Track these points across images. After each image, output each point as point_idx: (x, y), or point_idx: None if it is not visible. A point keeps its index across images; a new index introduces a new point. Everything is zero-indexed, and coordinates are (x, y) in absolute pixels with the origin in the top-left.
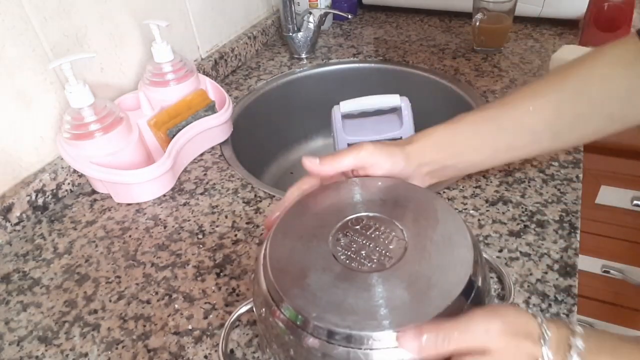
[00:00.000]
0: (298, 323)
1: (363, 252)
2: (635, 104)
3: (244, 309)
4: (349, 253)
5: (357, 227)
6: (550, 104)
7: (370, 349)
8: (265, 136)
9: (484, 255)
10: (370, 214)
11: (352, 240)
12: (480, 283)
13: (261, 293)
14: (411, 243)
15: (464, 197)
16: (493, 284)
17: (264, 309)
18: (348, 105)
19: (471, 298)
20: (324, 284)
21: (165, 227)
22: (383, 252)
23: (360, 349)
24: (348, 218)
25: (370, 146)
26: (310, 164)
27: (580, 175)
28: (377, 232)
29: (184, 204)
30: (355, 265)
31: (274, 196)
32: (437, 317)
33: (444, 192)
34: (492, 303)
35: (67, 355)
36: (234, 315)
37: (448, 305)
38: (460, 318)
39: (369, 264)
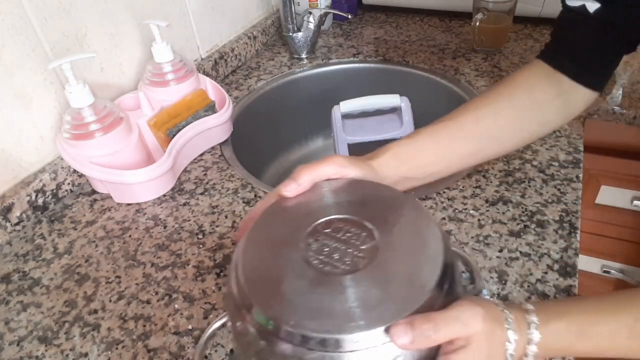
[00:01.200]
0: (273, 330)
1: (335, 255)
2: (557, 110)
3: (218, 323)
4: (321, 257)
5: (328, 230)
6: (489, 114)
7: (350, 351)
8: (265, 136)
9: (452, 248)
10: (340, 217)
11: (324, 244)
12: (452, 275)
13: (234, 304)
14: (382, 242)
15: (464, 197)
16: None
17: (238, 321)
18: (348, 105)
19: (445, 290)
20: (298, 290)
21: (165, 227)
22: (355, 253)
23: (337, 352)
24: (318, 222)
25: (340, 158)
26: (290, 192)
27: (580, 175)
28: (348, 234)
29: (184, 204)
30: (328, 269)
31: None
32: (414, 312)
33: (444, 192)
34: (464, 293)
35: (67, 355)
36: (209, 330)
37: (425, 300)
38: (449, 309)
39: (342, 267)
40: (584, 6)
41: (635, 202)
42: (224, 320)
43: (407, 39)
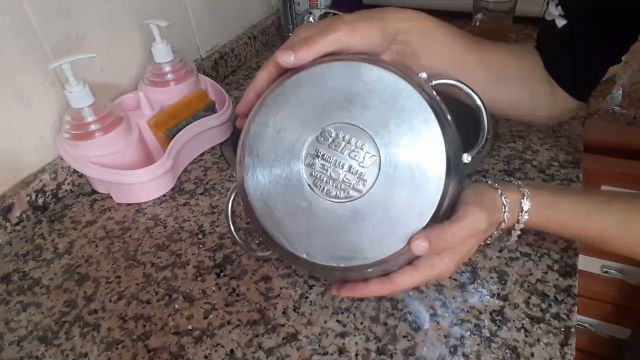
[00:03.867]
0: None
1: (339, 177)
2: (545, 95)
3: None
4: (324, 179)
5: (328, 144)
6: (500, 46)
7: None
8: None
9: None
10: (339, 123)
11: (324, 165)
12: (456, 164)
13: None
14: (383, 157)
15: None
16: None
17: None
18: None
19: (453, 179)
20: (304, 224)
21: (165, 227)
22: (358, 173)
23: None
24: (316, 134)
25: (346, 27)
26: (286, 61)
27: (580, 175)
28: (349, 149)
29: (184, 204)
30: (334, 194)
31: None
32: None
33: None
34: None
35: (67, 355)
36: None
37: (426, 222)
38: (457, 218)
39: (344, 192)
40: (554, 21)
41: None
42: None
43: None
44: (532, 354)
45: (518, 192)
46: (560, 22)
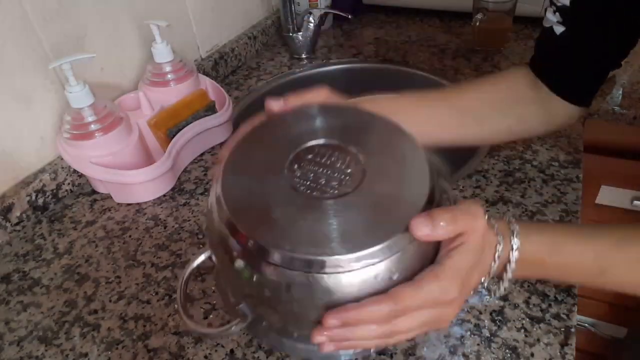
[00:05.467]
0: (258, 255)
1: (322, 180)
2: (536, 113)
3: (202, 257)
4: (308, 183)
5: (311, 156)
6: (473, 92)
7: (343, 272)
8: None
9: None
10: (322, 142)
11: (309, 170)
12: (439, 198)
13: (217, 234)
14: (367, 165)
15: (464, 197)
16: None
17: (221, 252)
18: None
19: (435, 206)
20: (287, 216)
21: (165, 227)
22: (341, 177)
23: (333, 273)
24: (301, 148)
25: (328, 90)
26: (276, 105)
27: (580, 175)
28: (332, 159)
29: (184, 204)
30: (317, 194)
31: None
32: (400, 234)
33: None
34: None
35: (67, 355)
36: (193, 264)
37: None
38: (456, 205)
39: (330, 191)
40: (552, 28)
41: (635, 202)
42: (207, 254)
43: (407, 39)
44: (532, 354)
45: (504, 220)
46: (559, 29)
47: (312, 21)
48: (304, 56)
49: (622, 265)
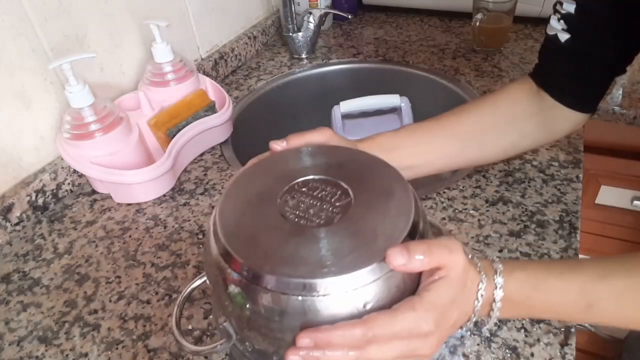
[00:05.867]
0: (251, 280)
1: (311, 210)
2: (538, 125)
3: (197, 282)
4: (297, 212)
5: (304, 189)
6: (471, 117)
7: (324, 295)
8: (265, 136)
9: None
10: (317, 177)
11: (300, 201)
12: (422, 231)
13: (213, 259)
14: (356, 200)
15: (464, 197)
16: None
17: (217, 275)
18: (348, 105)
19: (418, 239)
20: (276, 242)
21: (165, 227)
22: (330, 209)
23: (314, 296)
24: (296, 181)
25: (329, 131)
26: (279, 147)
27: (580, 175)
28: (324, 192)
29: (184, 204)
30: (304, 222)
31: None
32: (383, 260)
33: (444, 192)
34: None
35: (67, 355)
36: (188, 289)
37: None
38: (438, 239)
39: (317, 220)
40: (556, 35)
41: (635, 202)
42: (203, 279)
43: (407, 39)
44: (532, 354)
45: (488, 259)
46: (564, 36)
47: (312, 21)
48: (304, 56)
49: (608, 298)
